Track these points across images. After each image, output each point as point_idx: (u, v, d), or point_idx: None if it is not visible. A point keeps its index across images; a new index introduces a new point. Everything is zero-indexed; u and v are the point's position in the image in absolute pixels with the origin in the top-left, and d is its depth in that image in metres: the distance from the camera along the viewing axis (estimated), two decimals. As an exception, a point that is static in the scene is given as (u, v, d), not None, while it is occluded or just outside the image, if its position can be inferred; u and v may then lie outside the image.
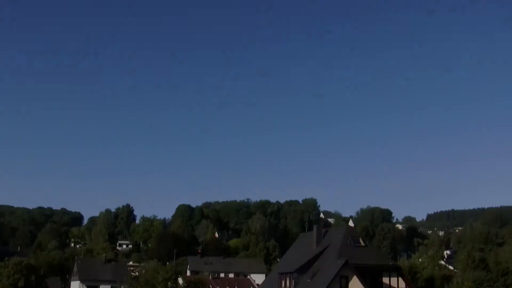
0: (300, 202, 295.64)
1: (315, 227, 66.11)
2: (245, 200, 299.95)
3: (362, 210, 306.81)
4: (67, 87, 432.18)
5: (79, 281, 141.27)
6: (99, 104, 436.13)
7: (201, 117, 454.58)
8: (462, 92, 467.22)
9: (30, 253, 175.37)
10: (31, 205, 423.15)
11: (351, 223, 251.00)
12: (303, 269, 58.46)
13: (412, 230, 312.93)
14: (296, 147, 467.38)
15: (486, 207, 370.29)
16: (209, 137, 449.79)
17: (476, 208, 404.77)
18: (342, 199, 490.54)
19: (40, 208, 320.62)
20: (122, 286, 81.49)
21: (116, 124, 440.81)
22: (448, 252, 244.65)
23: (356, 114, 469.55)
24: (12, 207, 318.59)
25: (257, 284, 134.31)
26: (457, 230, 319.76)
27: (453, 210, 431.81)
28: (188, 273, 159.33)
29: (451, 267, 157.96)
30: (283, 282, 60.32)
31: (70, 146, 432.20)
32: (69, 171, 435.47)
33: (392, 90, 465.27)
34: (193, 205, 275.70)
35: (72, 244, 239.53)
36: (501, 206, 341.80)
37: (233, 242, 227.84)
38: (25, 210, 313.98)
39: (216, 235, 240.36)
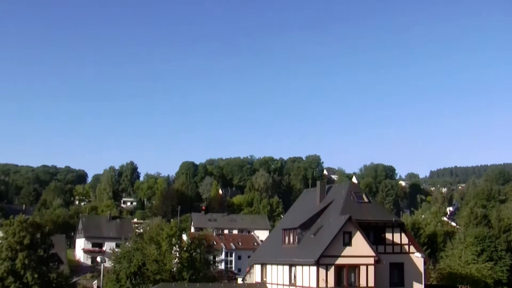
0: (304, 158, 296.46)
1: (318, 183, 65.93)
2: (249, 157, 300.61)
3: (365, 167, 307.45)
4: (66, 38, 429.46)
5: (84, 238, 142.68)
6: (99, 58, 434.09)
7: (203, 72, 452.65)
8: (465, 43, 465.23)
9: (35, 211, 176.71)
10: (35, 163, 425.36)
11: (354, 180, 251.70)
12: (306, 225, 58.54)
13: (415, 186, 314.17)
14: (300, 103, 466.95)
15: (489, 164, 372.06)
16: (213, 93, 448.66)
17: (479, 165, 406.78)
18: (346, 156, 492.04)
19: (44, 166, 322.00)
20: (127, 243, 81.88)
21: (119, 81, 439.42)
22: (451, 208, 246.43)
23: (360, 68, 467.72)
24: (17, 165, 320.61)
25: (261, 240, 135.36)
26: (460, 187, 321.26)
27: (456, 167, 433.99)
28: (192, 229, 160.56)
29: (453, 223, 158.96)
30: (286, 238, 60.51)
31: (74, 103, 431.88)
32: (73, 128, 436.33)
33: (394, 39, 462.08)
34: (197, 162, 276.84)
35: (77, 202, 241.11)
36: (504, 163, 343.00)
37: (236, 199, 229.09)
38: (29, 168, 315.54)
39: (220, 191, 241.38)
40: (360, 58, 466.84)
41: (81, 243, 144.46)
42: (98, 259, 40.31)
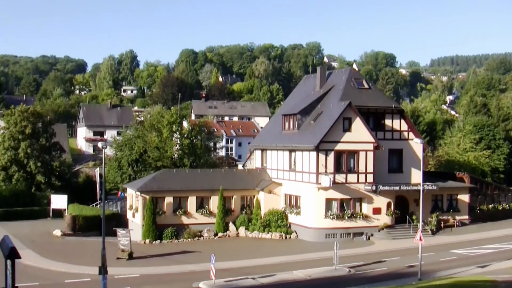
0: (304, 45, 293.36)
1: (318, 69, 65.16)
2: (249, 44, 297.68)
3: (366, 54, 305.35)
4: None
5: (85, 127, 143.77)
6: None
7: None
8: None
9: (35, 101, 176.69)
10: (34, 54, 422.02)
11: (354, 67, 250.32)
12: (306, 111, 58.36)
13: (416, 75, 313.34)
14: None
15: (490, 53, 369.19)
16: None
17: (480, 54, 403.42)
18: (346, 43, 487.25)
19: (44, 56, 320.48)
20: (128, 131, 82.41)
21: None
22: (451, 97, 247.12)
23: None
24: (16, 56, 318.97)
25: (261, 127, 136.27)
26: (460, 76, 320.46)
27: (457, 56, 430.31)
28: (193, 117, 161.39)
29: (453, 112, 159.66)
30: (286, 123, 60.53)
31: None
32: (71, 17, 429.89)
33: None
34: (197, 50, 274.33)
35: (77, 91, 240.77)
36: (505, 53, 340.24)
37: (237, 86, 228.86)
38: (28, 59, 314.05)
39: (220, 79, 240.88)
40: None
41: (82, 132, 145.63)
42: (99, 144, 40.45)
